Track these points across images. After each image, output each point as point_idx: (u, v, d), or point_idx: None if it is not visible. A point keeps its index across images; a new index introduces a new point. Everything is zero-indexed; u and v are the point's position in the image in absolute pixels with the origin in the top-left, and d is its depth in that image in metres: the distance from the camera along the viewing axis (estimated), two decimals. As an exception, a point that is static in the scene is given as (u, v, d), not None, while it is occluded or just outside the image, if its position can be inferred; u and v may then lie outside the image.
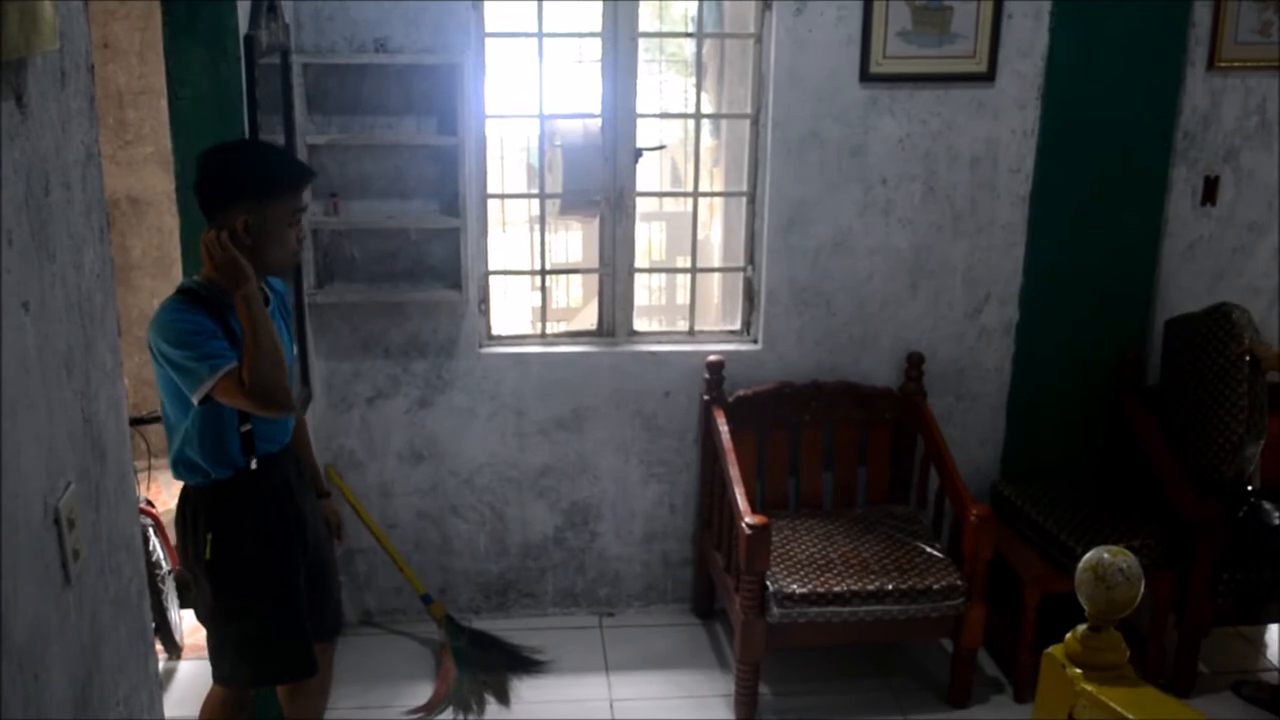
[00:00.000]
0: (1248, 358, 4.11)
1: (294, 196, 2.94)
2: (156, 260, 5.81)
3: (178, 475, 3.06)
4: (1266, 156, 4.60)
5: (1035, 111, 4.44)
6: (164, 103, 3.51)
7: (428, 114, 4.28)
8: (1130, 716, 1.96)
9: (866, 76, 4.33)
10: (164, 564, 4.41)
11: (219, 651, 3.17)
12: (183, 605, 4.56)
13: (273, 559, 3.09)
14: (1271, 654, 4.64)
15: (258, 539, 3.06)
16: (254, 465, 3.02)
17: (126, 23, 5.57)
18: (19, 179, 1.59)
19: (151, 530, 4.36)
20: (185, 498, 3.07)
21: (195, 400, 2.82)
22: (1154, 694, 2.06)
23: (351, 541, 4.43)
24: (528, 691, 4.29)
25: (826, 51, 4.30)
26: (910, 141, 4.42)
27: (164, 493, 5.31)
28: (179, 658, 4.41)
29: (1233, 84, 4.51)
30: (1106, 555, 2.07)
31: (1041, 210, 4.54)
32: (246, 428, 2.98)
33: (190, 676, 4.31)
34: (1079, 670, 2.07)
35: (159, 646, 4.29)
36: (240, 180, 2.88)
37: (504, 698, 4.24)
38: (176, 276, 3.67)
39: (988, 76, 4.38)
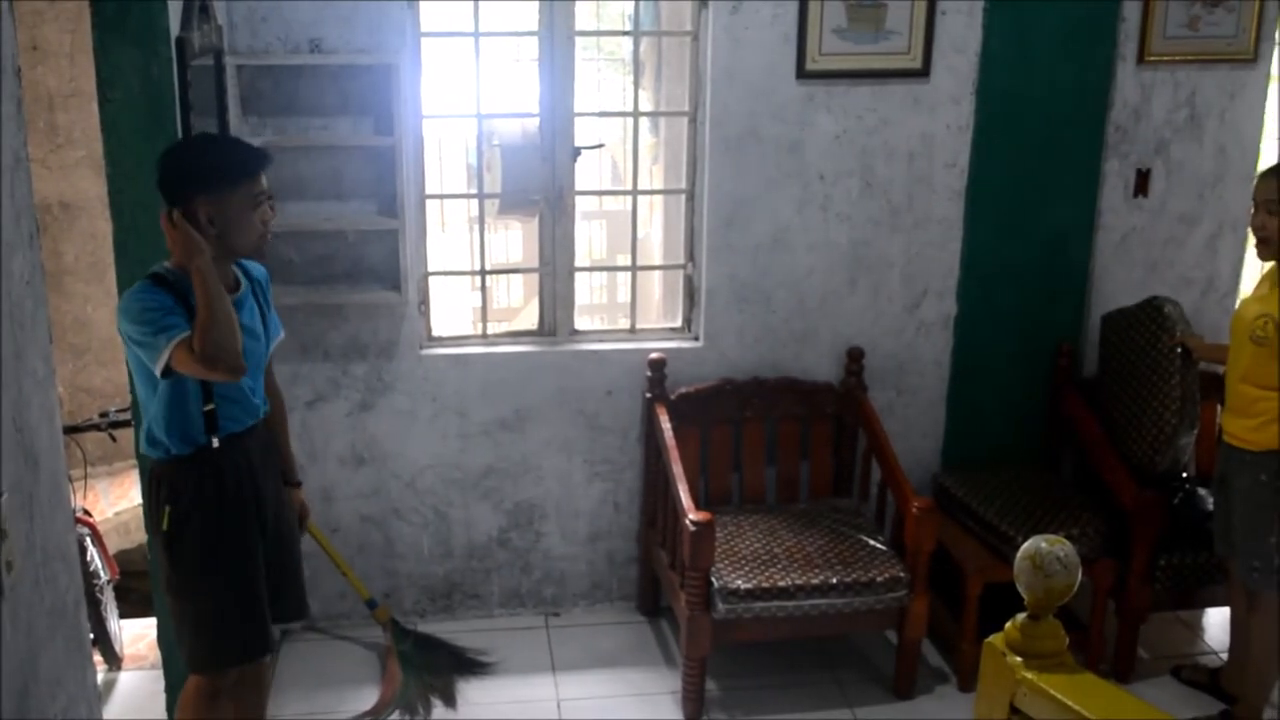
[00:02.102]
0: (1179, 350, 4.18)
1: (252, 182, 3.03)
2: (90, 265, 5.73)
3: (144, 449, 3.14)
4: (1196, 149, 4.68)
5: (970, 106, 4.48)
6: (95, 106, 3.46)
7: (364, 114, 4.25)
8: (1070, 703, 1.98)
9: (803, 73, 4.36)
10: (102, 574, 4.35)
11: (180, 632, 3.21)
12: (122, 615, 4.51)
13: (227, 535, 3.14)
14: (1209, 638, 4.71)
15: (213, 514, 3.10)
16: (215, 443, 3.07)
17: (56, 24, 5.49)
18: (-56, 185, 1.56)
19: (89, 539, 4.30)
20: (150, 472, 3.14)
21: (158, 371, 2.89)
22: (1092, 680, 2.08)
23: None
24: (474, 693, 4.28)
25: (763, 49, 4.32)
26: (847, 137, 4.45)
27: (101, 501, 5.24)
28: (119, 669, 4.36)
29: (1162, 78, 4.58)
30: (1044, 544, 2.09)
31: (977, 204, 4.59)
32: (210, 407, 3.05)
33: (130, 688, 4.27)
34: (1019, 659, 2.09)
35: (98, 658, 4.23)
36: (196, 173, 2.97)
37: (451, 700, 4.23)
38: (110, 281, 3.63)
39: (922, 72, 4.42)
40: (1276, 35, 4.70)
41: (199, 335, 2.85)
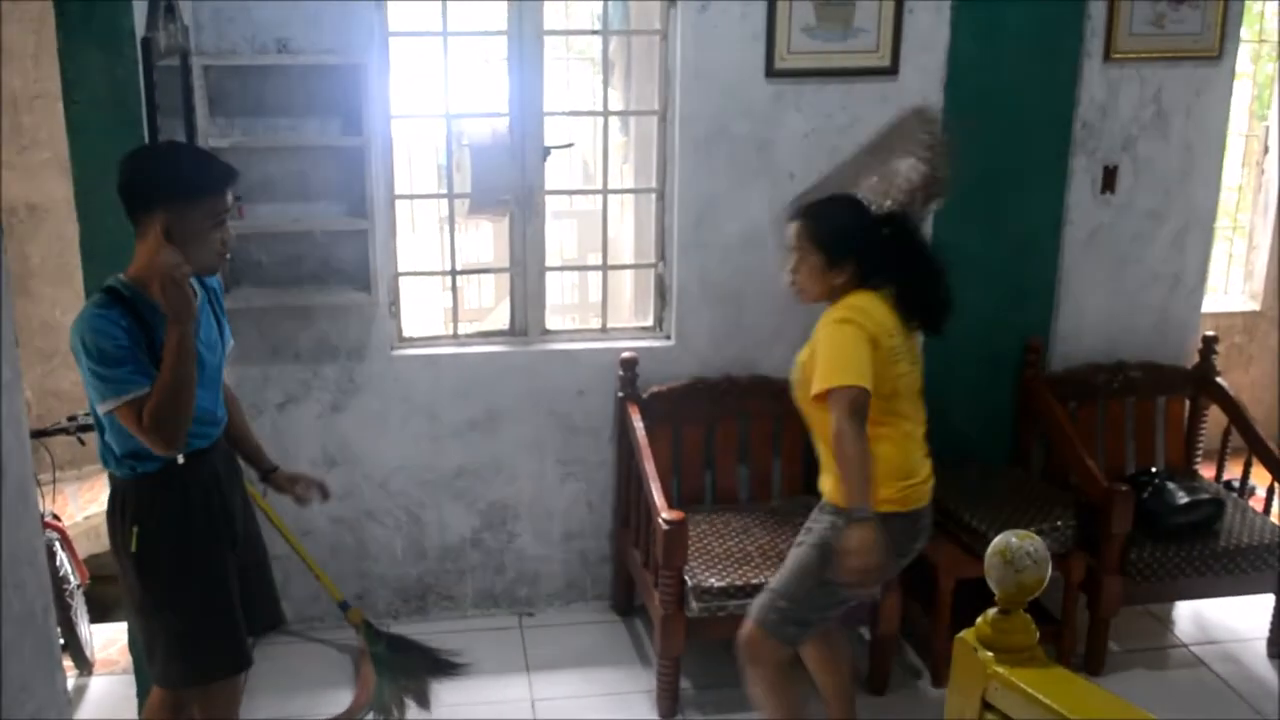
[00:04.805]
0: None
1: (216, 199, 2.91)
2: (57, 268, 5.68)
3: (106, 466, 3.05)
4: (1163, 145, 4.71)
5: (938, 104, 4.50)
6: (61, 107, 3.44)
7: (332, 115, 4.23)
8: (1041, 697, 1.99)
9: (772, 72, 4.36)
10: (72, 579, 4.32)
11: (150, 650, 3.15)
12: (93, 620, 4.48)
13: (198, 553, 3.08)
14: (1179, 631, 4.74)
15: (183, 532, 3.04)
16: (180, 460, 3.01)
17: (20, 25, 5.43)
18: (-94, 188, 1.55)
19: (58, 544, 4.27)
20: (114, 489, 3.06)
21: (99, 410, 2.84)
22: (1064, 674, 2.09)
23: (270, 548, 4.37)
24: (449, 694, 4.26)
25: (732, 48, 4.33)
26: (817, 135, 4.46)
27: (70, 505, 5.21)
28: (90, 674, 4.33)
29: (1129, 75, 4.61)
30: (1014, 539, 2.10)
31: (946, 201, 4.59)
32: None
33: (102, 693, 4.24)
34: (990, 654, 2.09)
35: (68, 663, 4.20)
36: (160, 183, 2.87)
37: (425, 702, 4.21)
38: (78, 284, 3.59)
39: (891, 70, 4.43)
40: (1241, 32, 4.74)
41: (154, 405, 2.79)
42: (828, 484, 3.47)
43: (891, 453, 3.35)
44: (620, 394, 4.51)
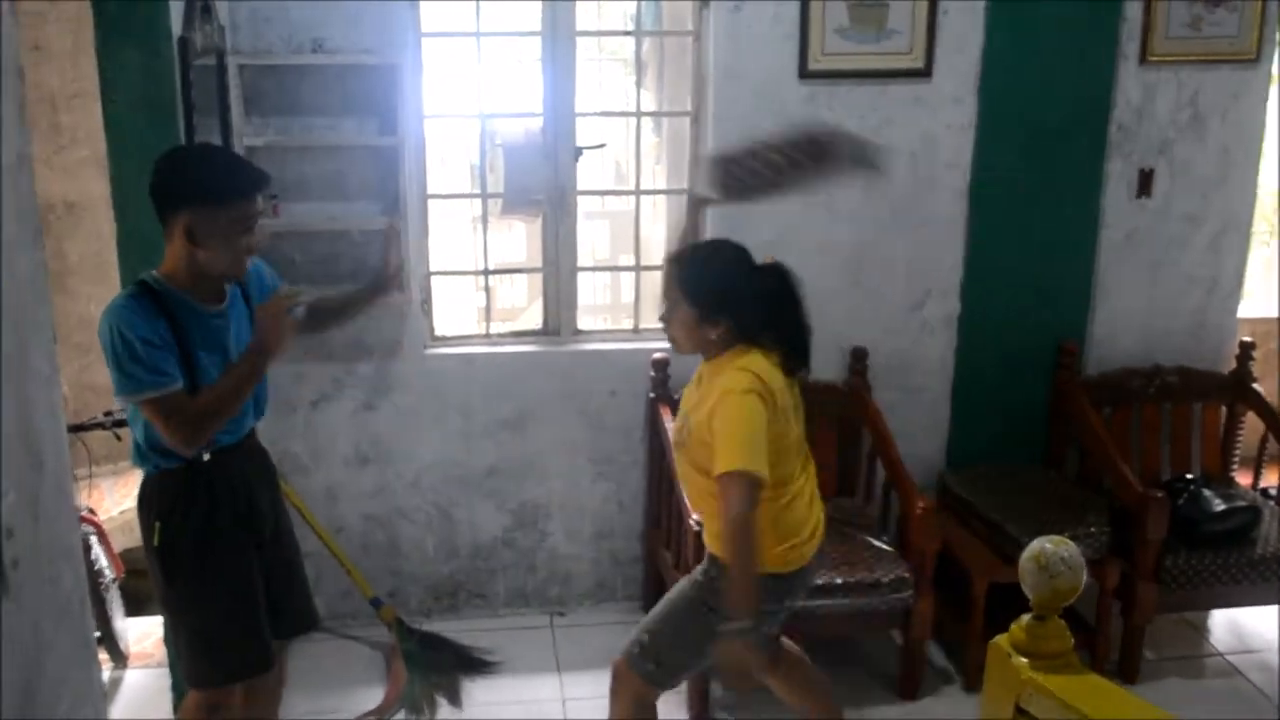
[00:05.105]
0: None
1: (245, 204, 2.90)
2: (94, 265, 5.73)
3: (134, 462, 3.07)
4: (1199, 149, 4.67)
5: (972, 106, 4.48)
6: (99, 106, 3.46)
7: (367, 115, 4.25)
8: (1075, 704, 1.98)
9: (805, 73, 4.35)
10: (107, 572, 4.35)
11: (177, 648, 3.20)
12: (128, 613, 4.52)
13: (220, 551, 3.08)
14: (1215, 639, 4.70)
15: (204, 530, 3.05)
16: (206, 457, 3.02)
17: (58, 25, 5.48)
18: (-52, 185, 1.56)
19: (94, 538, 4.31)
20: (142, 484, 3.08)
21: (117, 402, 2.89)
22: (1098, 682, 2.08)
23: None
24: (480, 693, 4.27)
25: (765, 49, 4.32)
26: (850, 137, 4.44)
27: (106, 499, 5.24)
28: (125, 667, 4.36)
29: (1165, 78, 4.57)
30: (1049, 545, 2.09)
31: (980, 204, 4.58)
32: None
33: (137, 686, 4.27)
34: (1024, 659, 2.08)
35: (104, 656, 4.24)
36: (189, 184, 2.86)
37: (456, 700, 4.22)
38: (115, 281, 3.62)
39: (925, 72, 4.42)
40: (1278, 35, 4.69)
41: (200, 404, 2.84)
42: (711, 538, 3.29)
43: (775, 518, 3.15)
44: (652, 394, 4.50)
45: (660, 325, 3.27)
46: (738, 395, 3.01)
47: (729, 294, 3.12)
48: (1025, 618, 2.12)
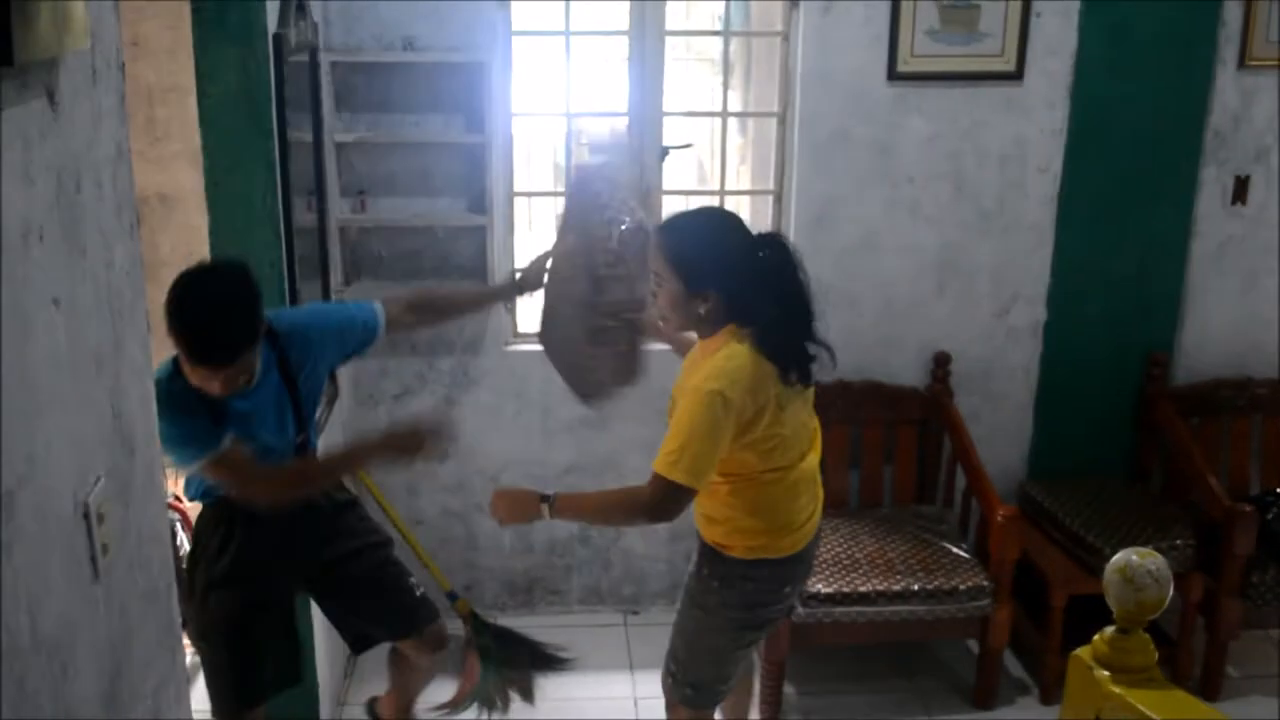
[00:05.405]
0: None
1: (206, 370, 2.79)
2: (185, 257, 5.80)
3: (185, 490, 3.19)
4: (1299, 156, 4.57)
5: (1064, 110, 4.42)
6: (193, 100, 3.52)
7: (455, 112, 4.29)
8: None
9: (894, 75, 4.32)
10: (191, 559, 4.43)
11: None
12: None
13: (230, 593, 3.12)
14: (1301, 657, 4.61)
15: (219, 569, 3.10)
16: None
17: (156, 21, 5.58)
18: (50, 176, 1.60)
19: (179, 525, 4.38)
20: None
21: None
22: (1182, 697, 2.05)
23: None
24: (553, 689, 4.28)
25: (854, 50, 4.29)
26: (938, 140, 4.41)
27: (191, 488, 5.33)
28: (206, 652, 4.43)
29: (1264, 83, 4.47)
30: (1135, 557, 2.06)
31: (1070, 210, 4.52)
32: None
33: (217, 671, 4.34)
34: (1107, 673, 2.06)
35: (186, 641, 4.31)
36: (173, 328, 2.81)
37: (529, 695, 4.24)
38: (205, 274, 3.68)
39: (1016, 75, 4.36)
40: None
41: (289, 478, 2.98)
42: (703, 524, 3.23)
43: (771, 504, 3.07)
44: (731, 395, 4.49)
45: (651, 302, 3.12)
46: (704, 396, 2.85)
47: (718, 264, 2.88)
48: (1108, 630, 2.09)
